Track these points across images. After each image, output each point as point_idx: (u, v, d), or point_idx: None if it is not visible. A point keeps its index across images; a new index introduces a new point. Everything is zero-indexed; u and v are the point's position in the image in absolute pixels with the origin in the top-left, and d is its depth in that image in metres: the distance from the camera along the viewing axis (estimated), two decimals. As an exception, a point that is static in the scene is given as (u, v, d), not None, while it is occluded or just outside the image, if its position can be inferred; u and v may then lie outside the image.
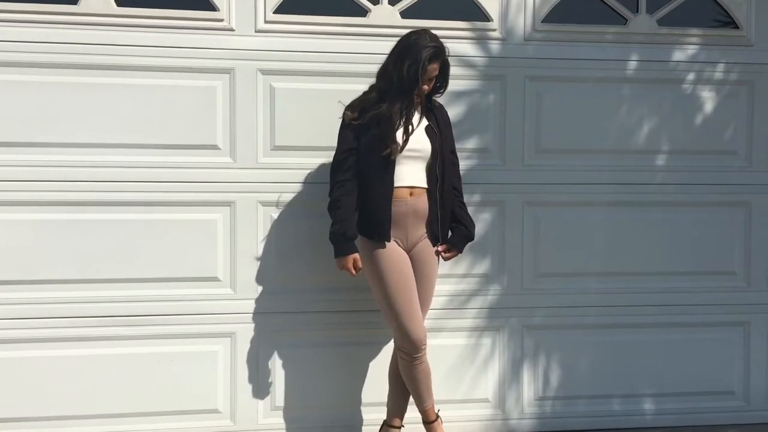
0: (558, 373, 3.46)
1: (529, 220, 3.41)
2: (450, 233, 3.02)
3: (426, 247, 2.96)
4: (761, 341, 3.58)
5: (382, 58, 2.95)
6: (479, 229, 3.35)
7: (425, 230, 2.95)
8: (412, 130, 2.86)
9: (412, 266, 2.91)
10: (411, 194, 2.90)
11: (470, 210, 3.32)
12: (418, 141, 2.89)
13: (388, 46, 2.94)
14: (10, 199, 3.05)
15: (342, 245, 2.87)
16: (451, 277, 3.34)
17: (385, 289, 2.86)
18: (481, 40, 3.36)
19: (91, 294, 3.11)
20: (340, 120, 2.93)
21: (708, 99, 3.52)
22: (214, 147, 3.19)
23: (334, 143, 3.07)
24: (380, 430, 3.12)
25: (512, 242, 3.40)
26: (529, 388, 3.45)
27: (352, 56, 3.22)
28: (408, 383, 2.97)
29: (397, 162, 2.84)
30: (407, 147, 2.85)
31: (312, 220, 3.23)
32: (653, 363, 3.51)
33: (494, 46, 3.37)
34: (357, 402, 3.30)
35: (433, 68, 2.85)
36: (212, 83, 3.18)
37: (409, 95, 2.84)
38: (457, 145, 3.30)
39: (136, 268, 3.14)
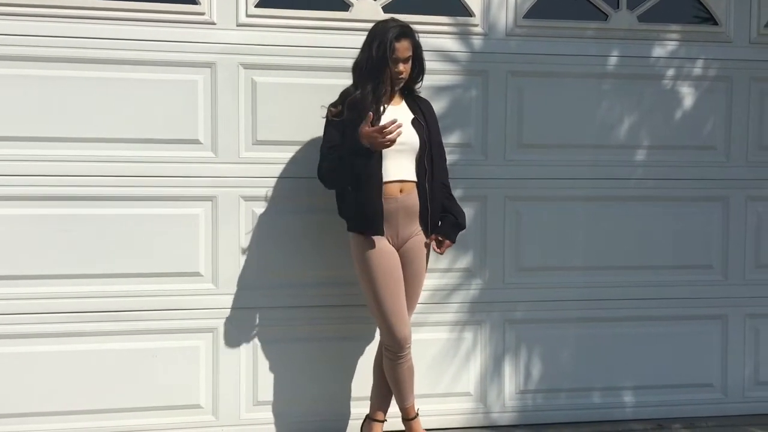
0: (539, 366, 3.49)
1: (510, 214, 3.43)
2: (440, 224, 3.02)
3: (417, 244, 2.96)
4: (738, 334, 3.63)
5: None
6: (461, 223, 3.38)
7: (417, 227, 2.96)
8: (383, 110, 2.85)
9: (402, 263, 2.92)
10: (401, 191, 2.89)
11: (452, 205, 3.35)
12: (405, 134, 2.87)
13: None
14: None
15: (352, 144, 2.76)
16: (434, 272, 3.34)
17: (375, 288, 2.86)
18: (463, 35, 3.37)
19: (71, 289, 3.09)
20: (324, 119, 2.93)
21: (687, 95, 3.55)
22: (196, 141, 3.17)
23: (317, 138, 3.07)
24: (363, 423, 3.13)
25: (494, 237, 3.42)
26: (510, 381, 3.47)
27: (334, 50, 3.21)
28: (391, 381, 2.98)
29: (384, 156, 2.82)
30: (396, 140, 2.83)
31: (294, 215, 3.22)
32: (633, 356, 3.54)
33: (476, 42, 3.38)
34: (343, 396, 3.31)
35: (403, 47, 2.84)
36: (193, 77, 3.15)
37: (379, 76, 2.82)
38: (439, 140, 3.32)
39: (117, 264, 3.12)
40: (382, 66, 2.82)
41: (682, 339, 3.58)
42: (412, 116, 2.95)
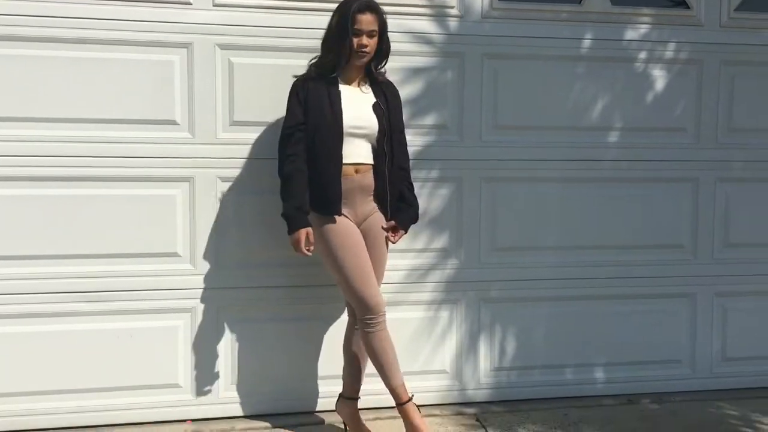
0: (513, 344, 3.55)
1: (486, 195, 3.47)
2: (398, 213, 3.02)
3: (377, 221, 2.98)
4: (707, 312, 3.72)
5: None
6: (438, 204, 3.41)
7: (374, 205, 2.97)
8: (339, 93, 2.88)
9: (365, 241, 2.92)
10: (357, 171, 2.91)
11: (428, 186, 3.39)
12: (363, 118, 2.90)
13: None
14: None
15: (296, 219, 2.87)
16: (410, 252, 3.39)
17: (337, 260, 2.86)
18: (439, 17, 3.38)
19: (49, 270, 3.09)
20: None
21: (659, 77, 3.60)
22: (173, 122, 3.16)
23: (294, 119, 3.08)
24: (337, 401, 3.17)
25: (469, 217, 3.46)
26: (485, 359, 3.53)
27: (310, 31, 3.20)
28: (372, 356, 2.91)
29: (345, 139, 2.85)
30: (352, 124, 2.86)
31: (271, 196, 3.22)
32: (605, 333, 3.62)
33: (452, 24, 3.40)
34: (313, 375, 3.34)
35: (366, 19, 2.84)
36: (170, 57, 3.14)
37: (339, 49, 2.85)
38: (416, 122, 3.35)
39: (94, 244, 3.12)
40: (343, 38, 2.84)
41: (652, 317, 3.66)
42: (373, 100, 2.96)
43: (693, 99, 3.64)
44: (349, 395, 3.10)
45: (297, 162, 2.87)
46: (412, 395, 2.92)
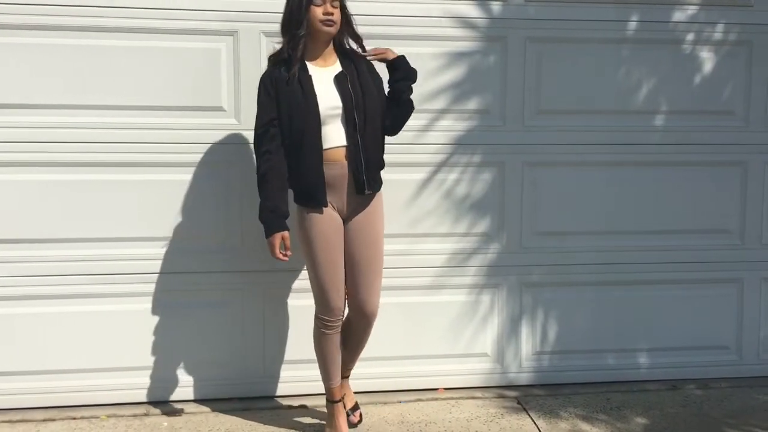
0: (555, 328, 3.56)
1: (528, 180, 3.47)
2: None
3: (365, 214, 2.83)
4: (754, 298, 3.67)
5: (388, 20, 2.95)
6: (480, 189, 3.43)
7: (368, 198, 2.82)
8: (296, 73, 2.71)
9: (352, 232, 2.82)
10: (345, 156, 2.75)
11: (470, 170, 3.42)
12: (333, 98, 2.72)
13: (391, 8, 2.94)
14: (14, 159, 3.10)
15: (270, 223, 2.75)
16: (452, 236, 3.42)
17: (311, 254, 2.79)
18: (482, 1, 3.37)
19: (96, 252, 3.20)
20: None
21: (706, 59, 3.54)
22: (219, 109, 3.23)
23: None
24: None
25: (512, 202, 3.46)
26: (527, 342, 3.54)
27: (355, 18, 3.21)
28: (320, 355, 2.90)
29: (323, 123, 2.71)
30: (330, 105, 2.71)
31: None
32: (648, 319, 3.59)
33: (495, 8, 3.39)
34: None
35: None
36: (216, 45, 3.20)
37: (298, 26, 2.69)
38: (458, 107, 3.37)
39: (141, 228, 3.21)
40: (304, 12, 2.68)
41: (698, 302, 3.62)
42: (336, 72, 2.77)
43: (742, 81, 3.56)
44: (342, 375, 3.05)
45: (272, 160, 2.72)
46: (343, 396, 3.00)
